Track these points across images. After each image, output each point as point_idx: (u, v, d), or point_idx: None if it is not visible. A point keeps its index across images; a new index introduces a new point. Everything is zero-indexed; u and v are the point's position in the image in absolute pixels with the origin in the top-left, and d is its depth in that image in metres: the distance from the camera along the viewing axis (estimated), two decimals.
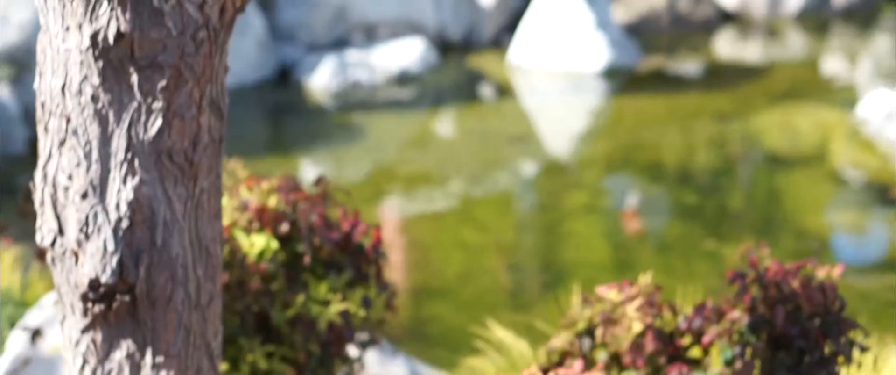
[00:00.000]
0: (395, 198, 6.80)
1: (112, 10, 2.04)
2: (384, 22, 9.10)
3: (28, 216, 5.06)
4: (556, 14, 8.94)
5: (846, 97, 8.15)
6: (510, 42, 9.22)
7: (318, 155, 7.44)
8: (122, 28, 2.05)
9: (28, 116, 6.92)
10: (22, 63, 7.00)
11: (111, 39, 2.06)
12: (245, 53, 8.36)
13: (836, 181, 6.71)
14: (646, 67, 8.95)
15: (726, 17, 10.20)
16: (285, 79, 8.66)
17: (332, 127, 7.98)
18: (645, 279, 2.89)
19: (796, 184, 6.71)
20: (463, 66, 9.11)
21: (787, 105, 8.07)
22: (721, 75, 8.94)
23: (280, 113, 8.33)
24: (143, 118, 2.12)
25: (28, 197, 4.98)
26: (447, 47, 9.33)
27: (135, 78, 2.09)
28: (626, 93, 8.61)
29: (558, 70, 8.81)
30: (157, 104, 2.11)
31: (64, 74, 2.11)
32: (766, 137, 7.50)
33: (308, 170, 7.14)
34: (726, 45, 9.89)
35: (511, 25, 9.54)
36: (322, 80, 8.50)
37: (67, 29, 2.08)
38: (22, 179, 6.36)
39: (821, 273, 2.82)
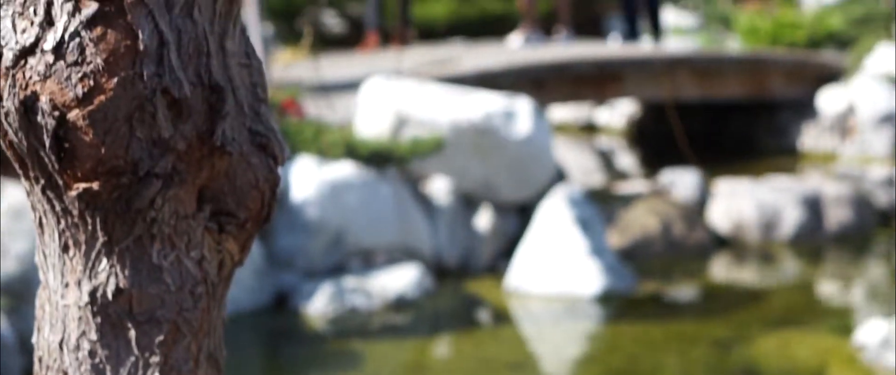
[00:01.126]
0: None
1: (111, 266, 2.07)
2: (381, 248, 9.16)
3: None
4: (551, 240, 9.01)
5: (842, 323, 8.16)
6: (506, 267, 9.27)
7: None
8: (122, 284, 2.07)
9: (25, 347, 6.91)
10: (19, 294, 7.02)
11: (110, 295, 2.08)
12: (242, 280, 8.39)
13: None
14: (641, 292, 8.97)
15: (721, 242, 10.27)
16: (282, 305, 8.67)
17: (329, 354, 7.95)
18: None
19: None
20: (460, 291, 9.13)
21: (784, 331, 8.06)
22: (717, 300, 8.96)
23: (276, 340, 8.32)
24: (140, 373, 2.12)
25: None
26: (443, 273, 9.37)
27: (133, 333, 2.10)
28: (622, 318, 8.61)
29: (554, 295, 8.83)
30: (155, 359, 2.12)
31: (62, 330, 2.13)
32: (764, 364, 7.48)
33: None
34: (721, 270, 9.94)
35: (507, 251, 9.60)
36: (319, 306, 8.51)
37: (67, 285, 2.11)
38: None
39: None
